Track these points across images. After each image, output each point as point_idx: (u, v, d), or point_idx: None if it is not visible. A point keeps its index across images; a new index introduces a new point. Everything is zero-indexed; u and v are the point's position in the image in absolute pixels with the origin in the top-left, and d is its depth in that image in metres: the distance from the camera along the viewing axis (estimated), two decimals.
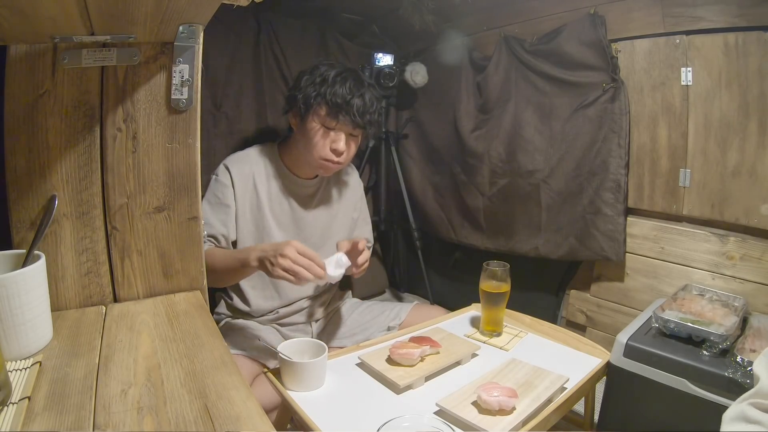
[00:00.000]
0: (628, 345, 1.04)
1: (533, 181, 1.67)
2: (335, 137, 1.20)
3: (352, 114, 1.17)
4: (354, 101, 1.17)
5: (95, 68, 0.78)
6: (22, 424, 0.51)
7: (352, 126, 1.20)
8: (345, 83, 1.18)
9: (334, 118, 1.17)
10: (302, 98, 1.19)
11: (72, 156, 0.79)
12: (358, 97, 1.18)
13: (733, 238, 1.29)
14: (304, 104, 1.19)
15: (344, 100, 1.16)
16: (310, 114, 1.19)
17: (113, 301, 0.85)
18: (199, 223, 0.90)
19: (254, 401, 0.58)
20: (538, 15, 1.63)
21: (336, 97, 1.16)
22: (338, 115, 1.17)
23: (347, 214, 1.44)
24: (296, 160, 1.31)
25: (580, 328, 1.65)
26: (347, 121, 1.18)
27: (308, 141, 1.21)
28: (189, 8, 0.69)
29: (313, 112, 1.19)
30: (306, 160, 1.26)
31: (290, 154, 1.32)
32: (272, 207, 1.30)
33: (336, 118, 1.17)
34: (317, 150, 1.20)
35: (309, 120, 1.20)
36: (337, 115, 1.17)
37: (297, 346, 0.93)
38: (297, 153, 1.30)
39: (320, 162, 1.22)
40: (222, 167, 1.28)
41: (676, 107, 1.38)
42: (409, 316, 1.37)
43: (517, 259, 1.76)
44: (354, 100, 1.17)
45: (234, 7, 0.73)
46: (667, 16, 1.34)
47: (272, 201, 1.30)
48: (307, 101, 1.18)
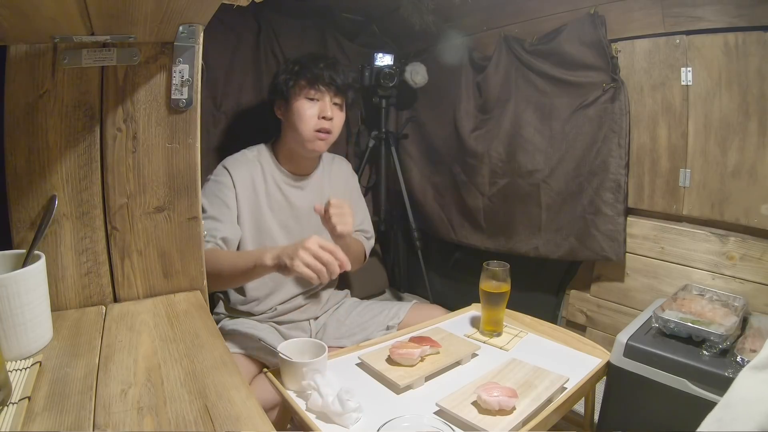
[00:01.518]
0: (628, 345, 1.04)
1: (533, 181, 1.67)
2: (321, 107, 1.29)
3: (330, 78, 1.29)
4: (327, 70, 1.29)
5: (95, 68, 0.78)
6: (22, 424, 0.51)
7: (334, 91, 1.31)
8: (316, 60, 1.31)
9: (315, 87, 1.28)
10: (282, 83, 1.30)
11: (72, 156, 0.79)
12: (330, 66, 1.31)
13: (733, 238, 1.29)
14: (285, 87, 1.29)
15: (319, 70, 1.28)
16: (293, 94, 1.29)
17: (113, 301, 0.85)
18: (199, 223, 0.90)
19: (254, 401, 0.58)
20: (538, 15, 1.63)
21: (312, 71, 1.28)
22: (318, 83, 1.28)
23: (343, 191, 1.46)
24: (289, 155, 1.35)
25: (580, 328, 1.65)
26: (327, 87, 1.29)
27: (298, 118, 1.28)
28: (189, 8, 0.69)
29: (295, 91, 1.29)
30: (299, 143, 1.30)
31: (283, 151, 1.36)
32: (271, 206, 1.31)
33: (316, 87, 1.28)
34: (307, 123, 1.28)
35: (293, 100, 1.29)
36: (317, 83, 1.28)
37: (297, 346, 0.93)
38: (289, 146, 1.34)
39: (313, 135, 1.29)
40: (221, 169, 1.29)
41: (676, 107, 1.38)
42: (408, 316, 1.37)
43: (517, 259, 1.76)
44: (327, 70, 1.29)
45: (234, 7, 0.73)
46: (667, 16, 1.34)
47: (271, 200, 1.31)
48: (288, 83, 1.29)
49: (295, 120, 1.28)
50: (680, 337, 1.05)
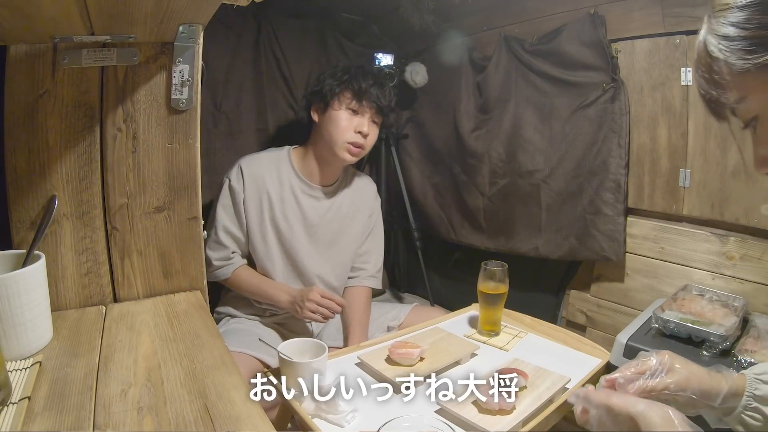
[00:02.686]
0: (628, 345, 1.04)
1: (533, 181, 1.67)
2: (359, 121, 1.30)
3: (375, 97, 1.30)
4: (375, 87, 1.31)
5: (95, 68, 0.78)
6: (22, 424, 0.51)
7: (375, 109, 1.32)
8: (367, 74, 1.32)
9: (359, 101, 1.29)
10: (327, 88, 1.29)
11: (72, 156, 0.79)
12: (379, 84, 1.32)
13: (733, 238, 1.29)
14: (330, 93, 1.28)
15: (368, 86, 1.29)
16: (336, 101, 1.28)
17: (113, 301, 0.85)
18: (199, 223, 0.90)
19: (254, 401, 0.58)
20: (538, 15, 1.63)
21: (360, 84, 1.29)
22: (362, 99, 1.29)
23: (359, 225, 1.45)
24: (312, 161, 1.34)
25: (580, 328, 1.65)
26: (370, 104, 1.30)
27: (335, 126, 1.28)
28: (189, 8, 0.69)
29: (338, 99, 1.29)
30: (329, 150, 1.30)
31: (305, 159, 1.35)
32: (285, 211, 1.31)
33: (360, 101, 1.29)
34: (343, 133, 1.28)
35: (334, 107, 1.29)
36: (362, 99, 1.29)
37: (297, 346, 0.93)
38: (316, 152, 1.33)
39: (346, 146, 1.29)
40: (236, 167, 1.30)
41: (676, 107, 1.37)
42: (408, 318, 1.37)
43: (517, 259, 1.76)
44: (375, 87, 1.31)
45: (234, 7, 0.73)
46: (667, 16, 1.34)
47: (285, 205, 1.31)
48: (333, 90, 1.29)
49: (331, 127, 1.28)
50: (680, 338, 1.05)
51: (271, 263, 1.31)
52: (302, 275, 1.35)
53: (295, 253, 1.33)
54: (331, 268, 1.39)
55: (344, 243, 1.40)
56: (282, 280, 1.32)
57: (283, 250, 1.32)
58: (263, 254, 1.30)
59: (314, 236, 1.35)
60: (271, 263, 1.31)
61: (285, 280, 1.33)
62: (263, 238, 1.30)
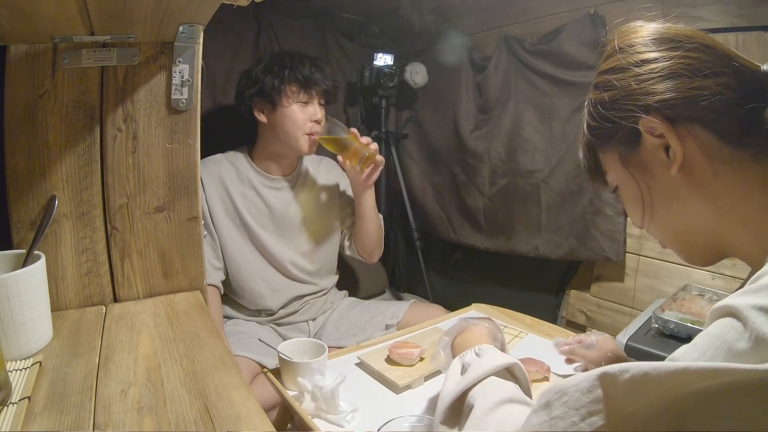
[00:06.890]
0: (628, 345, 1.04)
1: (533, 181, 1.67)
2: (312, 110, 1.29)
3: (320, 82, 1.28)
4: (317, 72, 1.28)
5: (95, 68, 0.78)
6: (22, 424, 0.51)
7: (323, 94, 1.31)
8: (303, 60, 1.29)
9: (307, 92, 1.27)
10: (269, 87, 1.25)
11: (72, 156, 0.79)
12: (318, 67, 1.30)
13: None
14: (274, 91, 1.25)
15: (310, 73, 1.27)
16: (283, 98, 1.25)
17: (113, 301, 0.85)
18: (199, 223, 0.90)
19: (254, 401, 0.58)
20: (538, 15, 1.63)
21: (302, 73, 1.26)
22: (310, 88, 1.27)
23: (335, 202, 1.45)
24: (269, 156, 1.34)
25: (580, 328, 1.66)
26: (318, 90, 1.29)
27: (290, 123, 1.26)
28: (189, 8, 0.69)
29: (285, 95, 1.26)
30: (288, 146, 1.29)
31: (261, 155, 1.34)
32: (249, 209, 1.31)
33: (309, 91, 1.27)
34: (300, 127, 1.27)
35: (283, 104, 1.26)
36: (309, 88, 1.27)
37: (297, 346, 0.93)
38: (272, 148, 1.32)
39: (305, 138, 1.28)
40: None
41: None
42: (407, 315, 1.37)
43: (517, 259, 1.76)
44: (317, 71, 1.28)
45: (234, 7, 0.73)
46: (667, 16, 1.33)
47: (248, 203, 1.31)
48: (276, 87, 1.25)
49: (286, 124, 1.26)
50: (680, 338, 1.05)
51: (244, 259, 1.32)
52: (276, 265, 1.36)
53: (267, 246, 1.33)
54: (305, 253, 1.39)
55: (320, 224, 1.40)
56: (255, 272, 1.33)
57: (252, 242, 1.33)
58: (233, 250, 1.30)
59: (284, 227, 1.35)
60: (244, 259, 1.32)
61: (258, 273, 1.33)
62: (229, 234, 1.30)
